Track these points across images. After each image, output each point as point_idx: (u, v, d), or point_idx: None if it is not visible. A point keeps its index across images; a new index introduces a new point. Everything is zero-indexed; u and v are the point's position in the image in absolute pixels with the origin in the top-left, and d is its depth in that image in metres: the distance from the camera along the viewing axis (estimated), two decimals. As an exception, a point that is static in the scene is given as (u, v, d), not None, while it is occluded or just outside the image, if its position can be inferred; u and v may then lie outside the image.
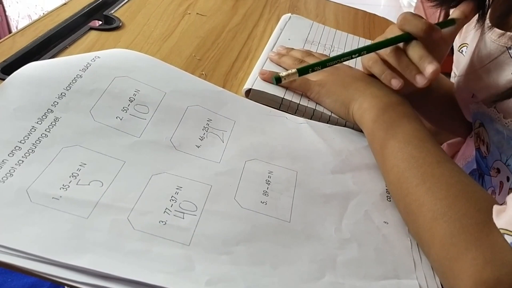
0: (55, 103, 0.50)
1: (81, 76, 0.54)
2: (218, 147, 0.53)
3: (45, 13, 0.78)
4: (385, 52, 0.59)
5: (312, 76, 0.64)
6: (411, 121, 0.54)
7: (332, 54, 0.74)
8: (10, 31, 1.87)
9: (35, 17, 1.87)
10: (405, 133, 0.52)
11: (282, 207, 0.47)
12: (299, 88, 0.64)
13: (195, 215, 0.44)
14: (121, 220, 0.41)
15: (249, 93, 0.63)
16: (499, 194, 0.61)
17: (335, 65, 0.67)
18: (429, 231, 0.44)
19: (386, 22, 1.01)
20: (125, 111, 0.52)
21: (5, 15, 1.87)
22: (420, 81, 0.55)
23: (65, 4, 0.76)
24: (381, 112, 0.56)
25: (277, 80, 0.56)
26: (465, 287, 0.39)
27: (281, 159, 0.54)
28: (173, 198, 0.45)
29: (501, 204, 0.43)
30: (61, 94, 0.51)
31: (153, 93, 0.56)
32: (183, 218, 0.43)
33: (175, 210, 0.44)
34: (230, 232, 0.43)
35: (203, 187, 0.47)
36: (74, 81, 0.53)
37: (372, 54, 0.61)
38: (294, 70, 0.56)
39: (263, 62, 0.68)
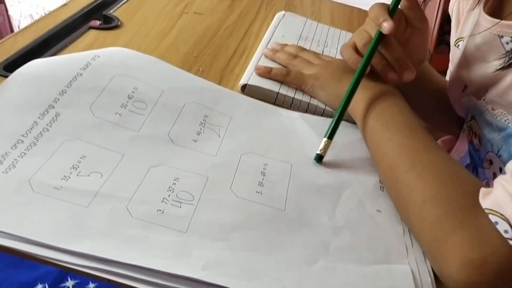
0: (56, 99, 0.52)
1: (81, 75, 0.55)
2: (215, 142, 0.54)
3: (46, 12, 0.80)
4: (359, 44, 0.61)
5: (306, 70, 0.65)
6: (402, 111, 0.56)
7: (326, 50, 0.76)
8: (12, 31, 1.89)
9: (36, 17, 1.89)
10: (395, 122, 0.54)
11: (277, 197, 0.49)
12: (294, 81, 0.65)
13: (192, 204, 0.45)
14: (120, 208, 0.43)
15: (245, 88, 0.65)
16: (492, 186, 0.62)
17: (328, 59, 0.68)
18: (419, 215, 0.45)
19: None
20: (124, 107, 0.54)
21: (7, 15, 1.89)
22: (392, 77, 0.59)
23: (65, 4, 0.78)
24: (372, 102, 0.57)
25: (319, 158, 0.55)
26: (453, 267, 0.41)
27: (276, 152, 0.55)
28: (170, 189, 0.46)
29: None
30: (62, 91, 0.53)
31: (151, 91, 0.57)
32: (180, 207, 0.44)
33: (172, 200, 0.45)
34: (226, 220, 0.44)
35: (200, 178, 0.48)
36: (74, 79, 0.54)
37: (348, 41, 0.63)
38: (325, 139, 0.56)
39: (258, 58, 0.70)
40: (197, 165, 0.50)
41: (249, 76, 0.66)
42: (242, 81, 0.65)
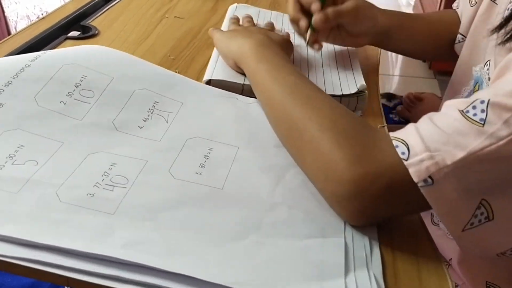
0: (0, 90, 0.52)
1: (29, 66, 0.55)
2: (161, 127, 0.54)
3: (44, 13, 0.81)
4: None
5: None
6: (288, 61, 0.59)
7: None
8: (9, 33, 1.91)
9: (33, 18, 1.92)
10: (286, 67, 0.56)
11: (216, 177, 0.48)
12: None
13: (125, 187, 0.45)
14: (49, 193, 0.42)
15: (209, 84, 0.64)
16: None
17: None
18: (316, 141, 0.46)
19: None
20: (70, 96, 0.54)
21: (4, 16, 1.91)
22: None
23: (43, 18, 0.79)
24: (261, 49, 0.60)
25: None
26: (348, 179, 0.43)
27: (224, 136, 0.54)
28: (105, 174, 0.46)
29: None
30: (7, 82, 0.53)
31: (100, 78, 0.57)
32: (112, 191, 0.44)
33: (105, 184, 0.45)
34: (158, 201, 0.44)
35: (139, 162, 0.48)
36: (22, 70, 0.54)
37: None
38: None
39: (218, 54, 0.69)
40: (138, 150, 0.50)
41: (212, 71, 0.65)
42: (206, 77, 0.64)
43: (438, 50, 0.81)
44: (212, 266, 0.39)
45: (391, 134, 0.45)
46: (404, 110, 1.51)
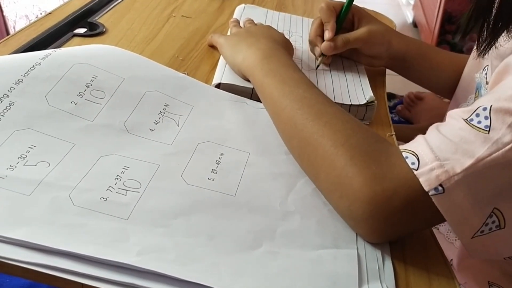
0: (11, 88, 0.51)
1: (39, 64, 0.55)
2: (172, 131, 0.54)
3: (42, 13, 0.81)
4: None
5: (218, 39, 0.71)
6: (296, 70, 0.57)
7: (292, 39, 0.75)
8: (8, 32, 1.89)
9: (32, 17, 1.90)
10: (293, 79, 0.55)
11: (229, 183, 0.48)
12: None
13: (138, 192, 0.44)
14: (62, 197, 0.42)
15: (219, 88, 0.63)
16: None
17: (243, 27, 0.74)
18: (330, 157, 0.46)
19: (374, 15, 1.02)
20: (80, 96, 0.53)
21: (2, 15, 1.89)
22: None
23: (49, 13, 0.78)
24: (266, 62, 0.59)
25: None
26: (364, 198, 0.42)
27: (234, 141, 0.54)
28: (118, 177, 0.46)
29: None
30: (18, 80, 0.52)
31: (111, 79, 0.57)
32: (125, 195, 0.44)
33: (118, 188, 0.44)
34: (171, 207, 0.44)
35: (151, 166, 0.48)
36: (32, 68, 0.54)
37: None
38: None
39: None
40: (150, 153, 0.49)
41: (221, 75, 0.64)
42: (215, 81, 0.64)
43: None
44: (224, 275, 0.39)
45: (401, 147, 0.46)
46: (404, 109, 1.51)
